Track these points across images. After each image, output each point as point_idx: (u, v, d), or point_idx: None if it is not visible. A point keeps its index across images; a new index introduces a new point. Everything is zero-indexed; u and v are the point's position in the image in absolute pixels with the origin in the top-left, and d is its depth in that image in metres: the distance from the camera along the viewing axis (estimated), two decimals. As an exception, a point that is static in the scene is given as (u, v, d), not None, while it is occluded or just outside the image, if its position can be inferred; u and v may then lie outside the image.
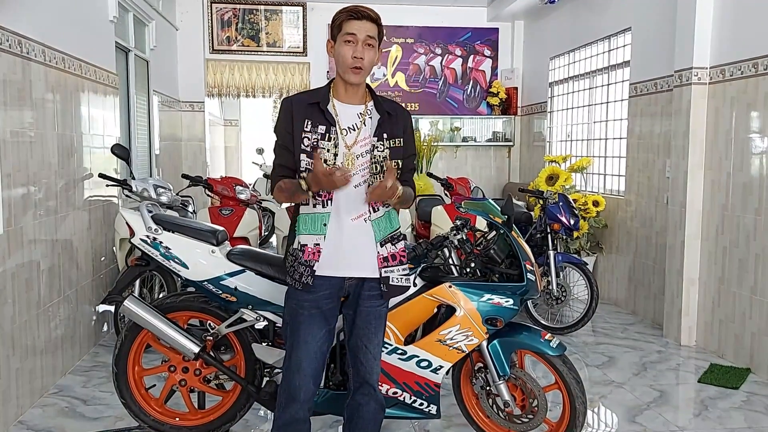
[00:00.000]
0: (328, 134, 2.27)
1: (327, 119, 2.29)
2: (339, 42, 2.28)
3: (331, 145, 2.26)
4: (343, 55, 2.26)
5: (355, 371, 2.45)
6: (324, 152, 2.25)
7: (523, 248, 2.78)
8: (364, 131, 2.32)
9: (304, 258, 2.29)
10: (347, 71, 2.27)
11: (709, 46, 4.56)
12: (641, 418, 3.51)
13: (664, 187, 5.09)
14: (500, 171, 8.78)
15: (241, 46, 8.17)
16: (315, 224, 2.30)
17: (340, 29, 2.29)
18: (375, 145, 2.30)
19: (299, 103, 2.32)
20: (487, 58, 8.55)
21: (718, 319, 4.56)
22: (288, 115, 2.31)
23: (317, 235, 2.29)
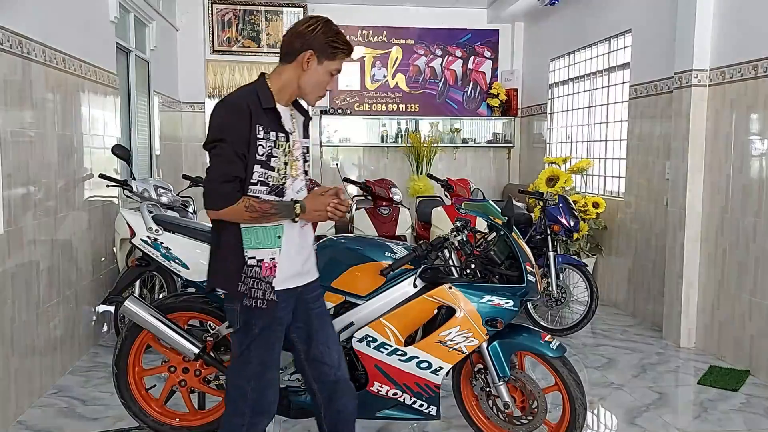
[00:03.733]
0: (277, 141, 2.18)
1: (280, 125, 2.21)
2: (324, 69, 2.23)
3: (281, 153, 2.19)
4: (321, 83, 2.25)
5: (324, 376, 2.41)
6: (277, 162, 2.17)
7: (523, 249, 2.78)
8: (296, 134, 2.29)
9: (263, 274, 2.18)
10: (314, 97, 2.27)
11: (709, 48, 4.56)
12: (641, 420, 3.51)
13: (664, 189, 5.09)
14: (500, 172, 8.78)
15: (241, 47, 8.17)
16: (268, 237, 2.19)
17: (332, 57, 2.23)
18: (306, 147, 2.32)
19: (254, 106, 2.14)
20: (487, 60, 8.56)
21: (717, 321, 4.56)
22: (246, 119, 2.12)
23: (272, 248, 2.19)
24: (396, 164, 8.52)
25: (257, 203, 2.11)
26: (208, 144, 2.14)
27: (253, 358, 2.25)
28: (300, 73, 2.21)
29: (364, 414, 2.94)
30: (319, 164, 8.42)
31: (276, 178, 2.18)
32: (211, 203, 2.13)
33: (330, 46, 2.21)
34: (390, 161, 8.55)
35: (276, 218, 2.13)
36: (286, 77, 2.22)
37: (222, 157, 2.09)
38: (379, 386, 2.77)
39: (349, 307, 2.83)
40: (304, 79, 2.22)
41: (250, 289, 2.17)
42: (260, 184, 2.14)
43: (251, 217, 2.11)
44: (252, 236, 2.17)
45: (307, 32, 2.19)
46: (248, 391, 2.26)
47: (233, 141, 2.09)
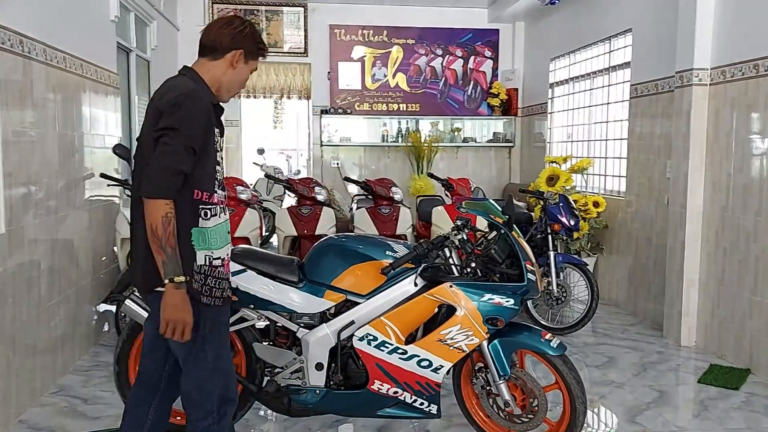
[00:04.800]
0: (217, 138, 2.20)
1: (219, 121, 2.24)
2: (248, 68, 2.28)
3: (220, 148, 2.21)
4: (242, 80, 2.29)
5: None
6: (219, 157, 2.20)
7: (524, 248, 2.79)
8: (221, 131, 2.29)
9: (225, 272, 2.21)
10: (231, 94, 2.30)
11: (710, 48, 4.56)
12: (641, 419, 3.51)
13: (665, 188, 5.10)
14: (501, 172, 8.78)
15: (242, 46, 8.16)
16: (222, 236, 2.20)
17: (255, 57, 2.28)
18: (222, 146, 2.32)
19: (210, 102, 2.16)
20: (487, 59, 8.56)
21: (717, 320, 4.56)
22: (208, 115, 2.12)
23: (227, 245, 2.22)
24: (397, 164, 8.52)
25: (173, 227, 2.03)
26: (161, 130, 2.06)
27: (209, 356, 2.22)
28: (227, 70, 2.23)
29: (364, 412, 2.96)
30: (320, 164, 8.43)
31: (221, 173, 2.22)
32: (153, 189, 2.01)
33: (256, 47, 2.27)
34: (391, 161, 8.55)
35: (160, 256, 2.02)
36: (213, 73, 2.23)
37: (172, 147, 2.02)
38: (379, 385, 2.78)
39: (349, 305, 2.84)
40: (229, 76, 2.24)
41: (211, 288, 2.15)
42: (215, 180, 2.17)
43: (160, 226, 2.00)
44: (209, 236, 2.14)
45: (237, 32, 2.22)
46: (212, 389, 2.25)
47: (188, 134, 2.04)
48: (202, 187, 2.12)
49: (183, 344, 2.17)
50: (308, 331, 2.85)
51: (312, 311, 2.86)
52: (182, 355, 2.24)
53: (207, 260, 2.13)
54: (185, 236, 2.10)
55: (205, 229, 2.12)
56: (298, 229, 5.13)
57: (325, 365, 2.84)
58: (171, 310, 2.04)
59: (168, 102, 2.07)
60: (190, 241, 2.10)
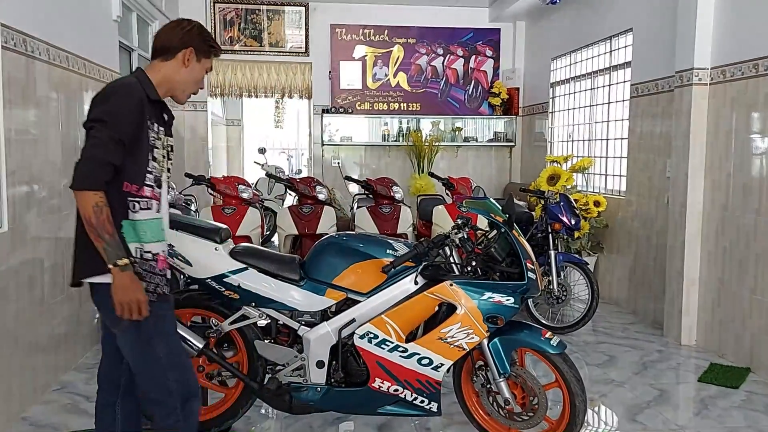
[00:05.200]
0: (158, 133, 2.22)
1: (160, 117, 2.25)
2: (201, 67, 2.30)
3: (161, 145, 2.22)
4: (197, 78, 2.31)
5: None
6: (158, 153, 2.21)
7: (524, 247, 2.80)
8: (165, 130, 2.31)
9: (159, 268, 2.20)
10: (187, 93, 2.32)
11: (710, 47, 4.57)
12: (641, 417, 3.52)
13: (665, 187, 5.11)
14: (501, 171, 8.79)
15: (243, 46, 8.19)
16: (157, 230, 2.21)
17: (207, 55, 2.31)
18: (170, 145, 2.34)
19: (144, 96, 2.16)
20: (488, 59, 8.57)
21: (718, 318, 4.58)
22: (140, 109, 2.12)
23: (161, 241, 2.23)
24: (397, 163, 8.54)
25: (107, 214, 2.04)
26: (90, 122, 2.08)
27: (160, 352, 2.21)
28: (180, 69, 2.26)
29: (365, 410, 2.97)
30: (320, 163, 8.44)
31: (158, 169, 2.21)
32: (81, 181, 2.03)
33: (206, 45, 2.29)
34: (391, 160, 8.57)
35: (100, 243, 2.04)
36: (165, 73, 2.25)
37: (99, 139, 2.04)
38: (380, 382, 2.79)
39: (350, 303, 2.85)
40: (183, 75, 2.27)
41: (144, 282, 2.14)
42: (148, 173, 2.17)
43: (93, 216, 2.02)
44: (141, 229, 2.15)
45: (186, 32, 2.26)
46: (170, 385, 2.22)
47: (116, 126, 2.05)
48: (131, 179, 2.12)
49: (128, 344, 2.20)
50: (309, 329, 2.86)
51: (313, 309, 2.88)
52: (131, 356, 2.23)
53: (138, 253, 2.14)
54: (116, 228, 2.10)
55: (135, 222, 2.14)
56: (299, 228, 5.14)
57: (326, 363, 2.85)
58: (122, 292, 2.06)
59: (98, 95, 2.14)
60: (120, 233, 2.11)
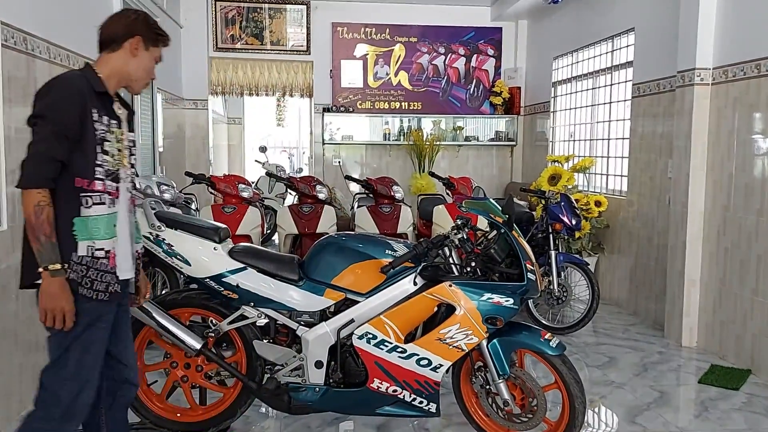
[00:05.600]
0: (110, 127, 2.15)
1: (110, 110, 2.18)
2: (150, 56, 2.26)
3: (114, 139, 2.15)
4: (147, 68, 2.27)
5: (117, 374, 2.35)
6: (111, 146, 2.13)
7: (524, 248, 2.79)
8: (123, 125, 2.25)
9: (110, 265, 2.12)
10: (140, 83, 2.29)
11: (712, 47, 4.56)
12: (641, 419, 3.51)
13: (666, 187, 5.09)
14: (503, 170, 8.78)
15: (244, 44, 8.19)
16: (108, 227, 2.12)
17: (156, 43, 2.27)
18: (132, 141, 2.30)
19: (87, 89, 2.10)
20: (490, 58, 8.56)
21: (719, 320, 4.56)
22: (81, 100, 2.07)
23: (111, 238, 2.13)
24: (398, 162, 8.53)
25: (47, 215, 2.01)
26: (32, 118, 2.07)
27: (70, 359, 2.12)
28: (128, 59, 2.21)
29: (363, 410, 2.97)
30: (321, 162, 8.44)
31: (111, 162, 2.14)
32: (25, 179, 2.03)
33: (153, 33, 2.26)
34: (392, 159, 8.56)
35: (35, 245, 2.01)
36: (114, 65, 2.21)
37: (42, 135, 2.03)
38: (378, 383, 2.78)
39: (349, 304, 2.84)
40: (133, 65, 2.22)
41: (93, 281, 2.09)
42: (100, 167, 2.10)
43: (33, 215, 2.00)
44: (90, 225, 2.08)
45: (131, 21, 2.23)
46: (62, 395, 2.12)
47: (58, 121, 2.02)
48: (81, 174, 2.07)
49: (52, 340, 2.13)
50: (308, 329, 2.85)
51: (312, 309, 2.87)
52: (50, 348, 2.16)
53: (89, 251, 2.08)
54: (67, 226, 2.07)
55: (87, 218, 2.08)
56: (299, 227, 5.14)
57: (324, 363, 2.84)
58: (48, 299, 2.01)
59: (39, 90, 2.09)
60: (71, 230, 2.07)
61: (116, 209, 2.16)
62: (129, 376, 2.39)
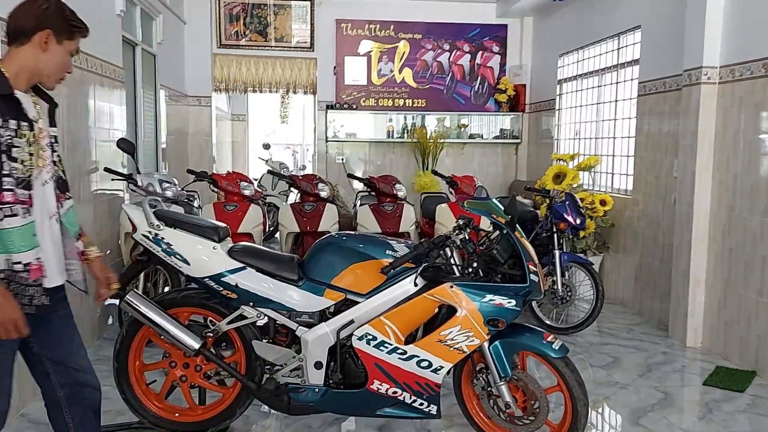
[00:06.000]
0: (19, 130, 1.98)
1: (19, 112, 2.00)
2: (63, 50, 2.09)
3: (25, 143, 1.99)
4: (60, 63, 2.10)
5: (70, 380, 2.26)
6: (21, 152, 1.98)
7: (527, 249, 2.76)
8: (42, 122, 2.12)
9: (32, 278, 2.00)
10: (54, 79, 2.13)
11: (719, 46, 4.50)
12: (645, 420, 3.48)
13: (672, 186, 5.05)
14: (507, 168, 8.74)
15: (248, 41, 8.16)
16: (27, 238, 1.98)
17: (70, 36, 2.10)
18: (54, 137, 2.19)
19: None
20: (495, 55, 8.51)
21: (724, 321, 4.52)
22: None
23: (33, 248, 2.01)
24: (402, 160, 8.50)
25: None
26: None
27: None
28: (38, 54, 2.04)
29: (363, 412, 2.95)
30: (324, 159, 8.41)
31: (21, 170, 1.98)
32: None
33: (67, 24, 2.08)
34: (396, 156, 8.52)
35: None
36: (22, 60, 2.04)
37: None
38: (378, 384, 2.76)
39: (349, 304, 2.82)
40: (43, 60, 2.05)
41: (16, 294, 1.97)
42: (9, 176, 1.95)
43: None
44: (16, 239, 1.96)
45: (41, 12, 2.04)
46: None
47: None
48: None
49: None
50: (307, 329, 2.83)
51: (311, 310, 2.85)
52: None
53: (7, 264, 1.97)
54: None
55: (1, 231, 1.94)
56: (300, 225, 5.11)
57: (324, 364, 2.82)
58: None
59: None
60: None
61: (32, 218, 2.01)
62: (85, 379, 2.28)
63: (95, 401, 2.34)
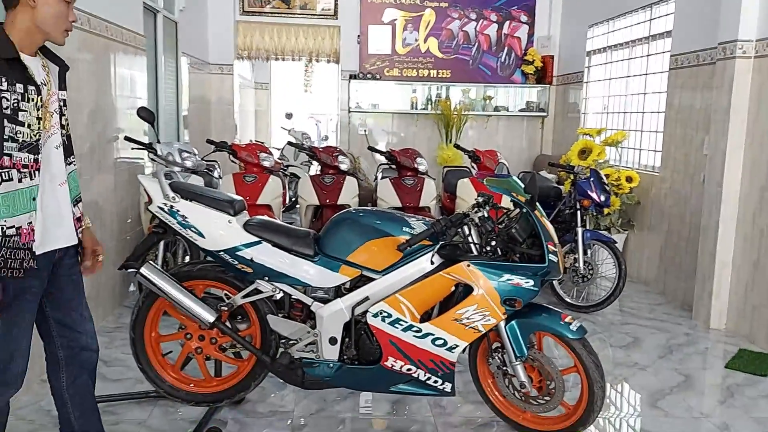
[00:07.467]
0: (27, 94, 1.99)
1: (26, 76, 2.00)
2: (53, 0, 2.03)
3: (32, 107, 2.00)
4: (56, 13, 2.04)
5: (73, 342, 2.31)
6: (27, 116, 1.99)
7: (546, 228, 2.69)
8: (51, 86, 2.11)
9: (22, 242, 2.01)
10: (59, 32, 2.08)
11: (756, 18, 4.31)
12: (663, 403, 3.43)
13: (702, 164, 4.91)
14: (532, 142, 8.58)
15: (272, 8, 8.06)
16: (23, 201, 2.00)
17: None
18: (63, 99, 2.16)
19: None
20: (523, 25, 8.30)
21: (750, 303, 4.42)
22: None
23: (28, 212, 2.02)
24: (425, 132, 8.39)
25: None
26: None
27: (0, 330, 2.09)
28: (31, 12, 2.00)
29: (377, 387, 2.94)
30: (347, 130, 8.34)
31: (27, 134, 1.99)
32: None
33: None
34: (419, 129, 8.42)
35: None
36: (20, 23, 2.01)
37: None
38: (393, 361, 2.74)
39: (365, 281, 2.79)
40: (38, 16, 2.01)
41: (6, 259, 1.99)
42: (11, 140, 1.96)
43: None
44: (9, 203, 1.97)
45: None
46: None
47: None
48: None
49: None
50: (322, 305, 2.81)
51: (327, 285, 2.82)
52: None
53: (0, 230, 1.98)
54: None
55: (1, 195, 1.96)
56: (320, 198, 5.08)
57: (338, 340, 2.81)
58: None
59: None
60: None
61: (35, 182, 2.03)
62: (86, 343, 2.34)
63: (92, 363, 2.41)
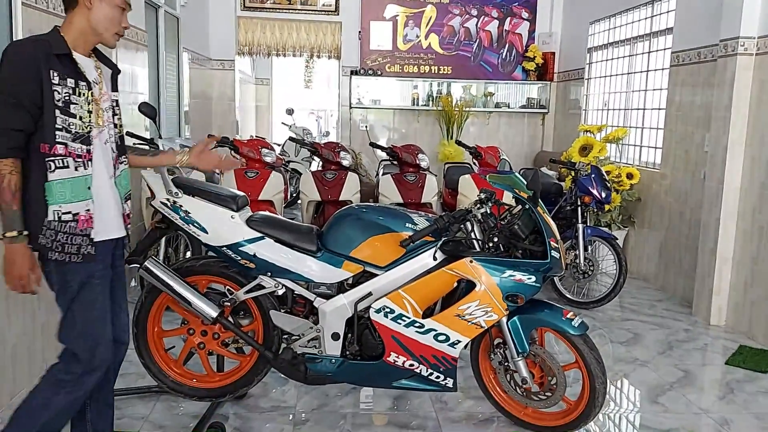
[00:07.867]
0: (78, 89, 2.11)
1: (77, 72, 2.12)
2: (109, 4, 2.15)
3: (83, 101, 2.12)
4: (109, 18, 2.16)
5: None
6: (79, 109, 2.10)
7: (549, 224, 2.70)
8: (103, 86, 2.22)
9: (79, 228, 2.12)
10: (110, 35, 2.19)
11: (758, 15, 4.31)
12: (663, 399, 3.44)
13: (702, 161, 4.91)
14: (533, 139, 8.59)
15: (273, 3, 8.05)
16: (80, 189, 2.12)
17: None
18: (115, 100, 2.28)
19: (44, 53, 2.04)
20: (524, 21, 8.30)
21: (750, 299, 4.43)
22: (34, 66, 2.02)
23: (85, 200, 2.14)
24: (426, 128, 8.39)
25: (10, 183, 2.02)
26: None
27: (77, 318, 2.19)
28: (86, 14, 2.13)
29: (379, 383, 2.95)
30: (348, 126, 8.34)
31: (79, 125, 2.11)
32: None
33: None
34: (421, 125, 8.42)
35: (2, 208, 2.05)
36: (76, 24, 2.14)
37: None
38: (395, 357, 2.75)
39: (367, 276, 2.80)
40: (93, 18, 2.14)
41: (63, 244, 2.10)
42: (64, 131, 2.07)
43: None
44: (58, 189, 2.08)
45: None
46: (79, 353, 2.20)
47: (11, 91, 2.01)
48: (44, 139, 2.05)
49: (57, 299, 2.21)
50: (325, 300, 2.82)
51: (329, 281, 2.83)
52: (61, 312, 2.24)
53: (56, 215, 2.09)
54: (38, 192, 2.08)
55: (52, 182, 2.07)
56: (321, 194, 5.09)
57: (341, 335, 2.82)
58: (8, 266, 2.07)
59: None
60: (43, 196, 2.08)
61: (88, 171, 2.14)
62: (117, 334, 2.39)
63: (119, 355, 2.47)
